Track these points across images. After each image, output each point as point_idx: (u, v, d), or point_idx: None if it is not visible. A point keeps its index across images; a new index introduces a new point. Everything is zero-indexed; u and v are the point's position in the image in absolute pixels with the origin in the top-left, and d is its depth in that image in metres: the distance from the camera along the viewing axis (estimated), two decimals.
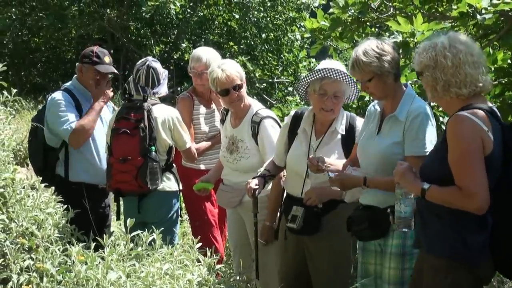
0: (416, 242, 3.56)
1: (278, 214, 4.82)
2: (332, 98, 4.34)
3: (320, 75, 4.31)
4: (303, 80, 4.42)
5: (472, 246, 3.30)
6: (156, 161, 5.06)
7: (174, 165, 5.36)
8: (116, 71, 5.57)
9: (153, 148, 5.07)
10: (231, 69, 4.92)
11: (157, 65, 5.31)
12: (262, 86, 14.81)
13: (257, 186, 4.54)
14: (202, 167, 5.80)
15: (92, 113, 5.29)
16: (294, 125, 4.60)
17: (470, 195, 3.20)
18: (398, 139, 3.87)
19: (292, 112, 4.70)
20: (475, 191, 3.19)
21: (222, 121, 5.26)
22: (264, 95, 14.26)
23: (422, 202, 3.42)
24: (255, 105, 5.05)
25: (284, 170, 4.77)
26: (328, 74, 4.32)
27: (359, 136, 4.21)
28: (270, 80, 14.99)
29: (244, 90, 4.98)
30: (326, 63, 4.36)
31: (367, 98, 5.56)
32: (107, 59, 5.44)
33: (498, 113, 3.40)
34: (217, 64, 5.03)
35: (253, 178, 4.60)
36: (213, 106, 5.92)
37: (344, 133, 4.42)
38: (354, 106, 5.63)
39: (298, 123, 4.57)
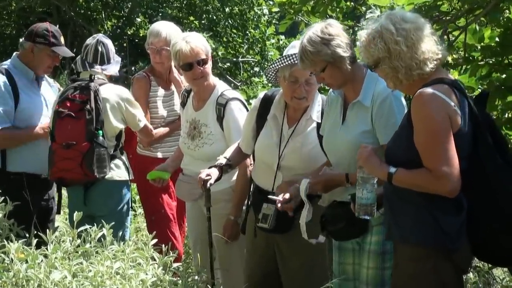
0: (387, 233, 3.59)
1: (245, 207, 4.85)
2: (304, 85, 4.34)
3: (289, 61, 4.29)
4: (270, 67, 4.43)
5: (449, 230, 3.34)
6: (103, 146, 5.06)
7: (124, 151, 5.36)
8: (73, 54, 5.54)
9: (101, 132, 5.06)
10: (196, 41, 4.92)
11: (107, 41, 5.30)
12: (226, 66, 14.84)
13: (208, 177, 4.52)
14: (160, 155, 5.78)
15: (23, 134, 5.22)
16: (264, 110, 4.59)
17: (440, 177, 3.24)
18: (367, 127, 3.89)
19: (261, 95, 4.70)
20: (446, 172, 3.23)
21: (183, 104, 5.24)
22: (227, 76, 14.27)
23: (390, 188, 3.46)
24: (221, 86, 5.05)
25: (251, 159, 4.79)
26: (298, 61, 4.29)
27: (322, 128, 4.22)
28: (234, 59, 15.02)
29: (209, 67, 4.97)
30: (295, 46, 4.26)
31: None
32: (62, 39, 5.40)
33: (463, 86, 3.45)
34: (181, 36, 5.02)
35: (209, 168, 4.59)
36: (172, 88, 5.90)
37: (320, 120, 4.40)
38: None
39: (268, 108, 4.56)
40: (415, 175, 3.33)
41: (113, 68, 5.35)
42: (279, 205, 4.14)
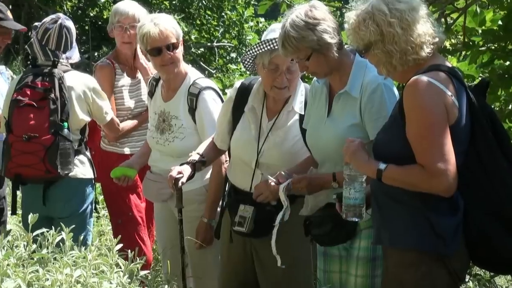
0: (376, 237, 3.59)
1: (219, 208, 4.87)
2: (285, 74, 4.34)
3: (268, 47, 4.28)
4: (247, 53, 4.43)
5: (443, 232, 3.35)
6: (69, 140, 5.06)
7: (88, 147, 5.37)
8: (25, 27, 5.49)
9: (66, 124, 5.06)
10: (166, 24, 4.92)
11: (70, 24, 5.29)
12: (199, 52, 14.84)
13: (180, 175, 4.50)
14: (126, 151, 5.81)
15: None
16: (240, 100, 4.59)
17: (436, 174, 3.25)
18: (356, 121, 3.90)
19: (238, 84, 4.69)
20: (442, 169, 3.24)
21: (151, 93, 5.25)
22: (201, 63, 14.25)
23: (379, 186, 3.46)
24: (193, 74, 5.06)
25: (227, 155, 4.80)
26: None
27: (305, 121, 4.24)
28: (209, 44, 15.02)
29: (180, 53, 4.98)
30: (275, 30, 4.28)
31: None
32: (9, 14, 5.37)
33: (461, 74, 3.47)
34: (149, 18, 5.02)
35: (180, 165, 4.57)
36: (139, 75, 5.91)
37: (303, 112, 4.40)
38: None
39: (245, 98, 4.56)
40: (407, 172, 3.34)
41: (76, 53, 5.35)
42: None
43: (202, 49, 15.11)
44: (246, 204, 4.43)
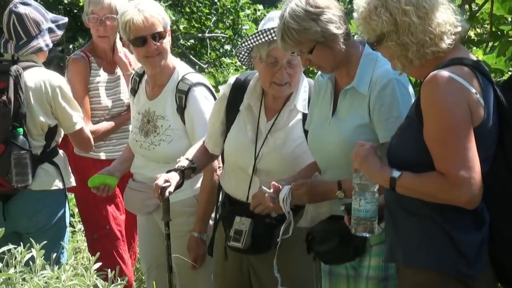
0: (388, 254, 3.58)
1: (212, 221, 4.89)
2: (285, 68, 4.34)
3: (266, 38, 4.29)
4: (242, 45, 4.44)
5: (466, 250, 3.33)
6: (24, 148, 5.04)
7: (60, 152, 5.37)
8: None
9: (20, 130, 5.04)
10: (151, 10, 4.93)
11: (26, 9, 5.23)
12: (189, 44, 14.77)
13: (167, 184, 4.49)
14: (103, 156, 5.84)
15: None
16: (235, 98, 4.60)
17: (458, 183, 3.23)
18: (364, 121, 3.91)
19: (232, 80, 4.69)
20: (464, 177, 3.22)
21: (134, 91, 5.25)
22: (191, 56, 14.23)
23: (393, 197, 3.45)
24: (181, 68, 5.07)
25: (220, 160, 4.80)
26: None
27: (308, 119, 4.25)
28: (200, 35, 14.96)
29: (167, 43, 4.99)
30: (274, 19, 4.28)
31: None
32: None
33: (487, 68, 3.44)
34: (132, 3, 5.02)
35: (167, 172, 4.57)
36: (118, 71, 5.92)
37: (306, 111, 4.41)
38: None
39: (240, 96, 4.57)
40: (424, 180, 3.32)
41: (40, 41, 5.28)
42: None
43: (192, 41, 15.04)
44: (242, 216, 4.43)
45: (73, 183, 5.37)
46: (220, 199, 4.79)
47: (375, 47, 3.53)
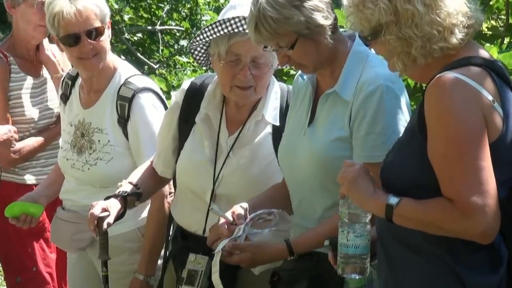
0: None
1: (161, 261, 4.89)
2: (250, 68, 4.35)
3: (226, 30, 4.29)
4: (197, 39, 4.44)
5: None
6: None
7: None
8: None
9: None
10: (85, 1, 4.88)
11: None
12: (136, 38, 14.80)
13: (105, 213, 4.44)
14: (30, 180, 5.85)
15: None
16: (190, 108, 4.61)
17: (469, 212, 3.18)
18: (343, 133, 3.92)
19: (186, 84, 4.70)
20: (478, 204, 3.17)
21: (65, 97, 5.24)
22: (138, 54, 14.26)
23: (388, 228, 3.42)
24: (124, 70, 5.09)
25: (172, 185, 4.82)
26: (240, 28, 4.29)
27: (286, 128, 4.27)
28: (150, 27, 14.94)
29: (106, 41, 4.97)
30: (236, 7, 4.37)
31: None
32: None
33: (505, 69, 3.44)
34: None
35: (105, 199, 4.53)
36: (45, 73, 5.91)
37: (277, 123, 4.46)
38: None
39: (196, 104, 4.58)
40: (428, 208, 3.27)
41: None
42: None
43: (139, 35, 15.06)
44: (198, 253, 4.43)
45: None
46: (171, 233, 4.81)
47: (370, 42, 3.50)
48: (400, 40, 3.37)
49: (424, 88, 3.42)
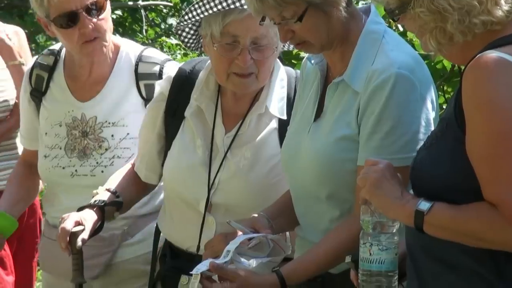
0: None
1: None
2: (250, 51, 4.19)
3: (220, 6, 4.13)
4: (185, 17, 4.29)
5: None
6: None
7: None
8: None
9: None
10: None
11: None
12: (116, 16, 14.81)
13: (80, 228, 4.29)
14: None
15: None
16: (178, 100, 4.48)
17: None
18: (350, 131, 3.76)
19: (173, 71, 4.56)
20: None
21: (38, 93, 4.96)
22: (117, 36, 14.29)
23: (419, 240, 3.27)
24: (129, 45, 4.97)
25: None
26: (237, 4, 4.12)
27: (291, 124, 4.14)
28: (131, 3, 15.00)
29: (108, 18, 4.77)
30: None
31: None
32: None
33: None
34: None
35: (78, 210, 4.40)
36: None
37: (284, 116, 4.30)
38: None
39: (185, 95, 4.44)
40: (467, 215, 3.10)
41: None
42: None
43: (119, 12, 15.12)
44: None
45: None
46: (158, 250, 4.64)
47: (397, 17, 3.32)
48: (433, 13, 3.20)
49: (462, 71, 3.23)
